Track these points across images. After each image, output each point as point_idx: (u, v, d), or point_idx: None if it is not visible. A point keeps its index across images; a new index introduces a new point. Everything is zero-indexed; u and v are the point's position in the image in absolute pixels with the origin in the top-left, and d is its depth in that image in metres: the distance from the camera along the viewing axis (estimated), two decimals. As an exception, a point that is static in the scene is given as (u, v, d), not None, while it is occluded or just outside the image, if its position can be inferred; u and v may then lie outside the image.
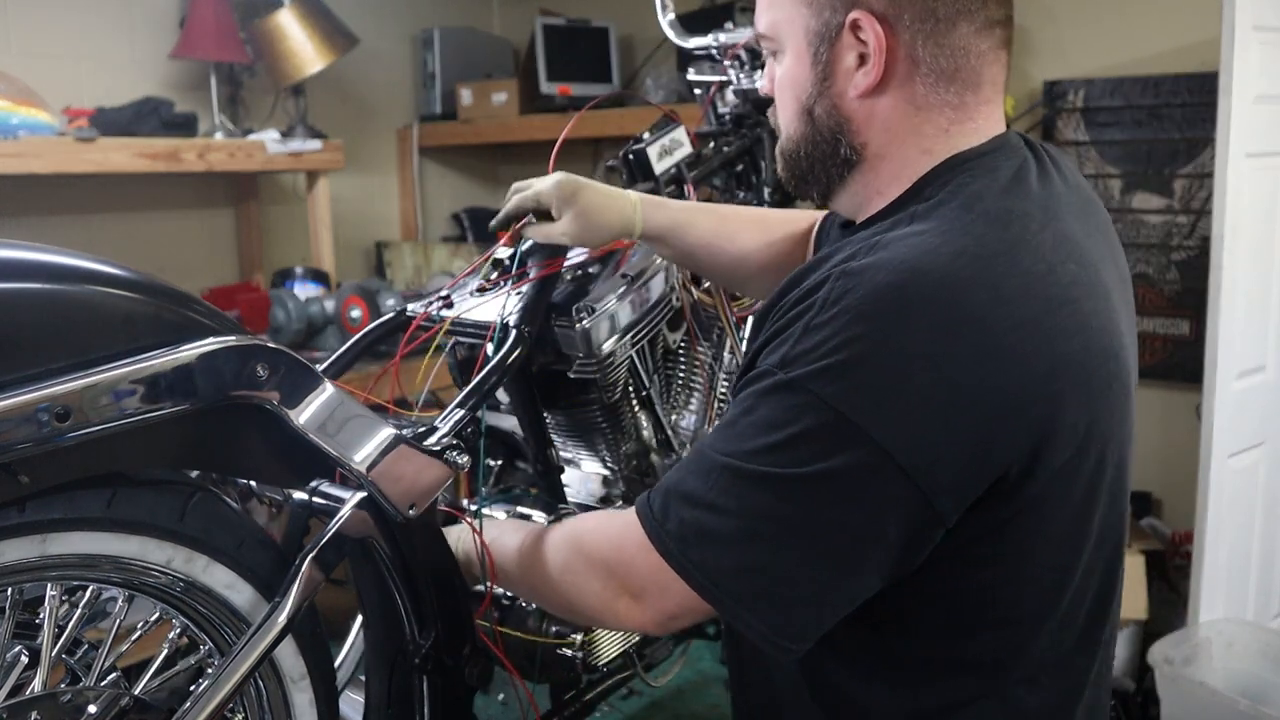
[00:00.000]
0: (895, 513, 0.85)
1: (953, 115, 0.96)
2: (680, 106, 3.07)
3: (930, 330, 0.83)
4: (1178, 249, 2.85)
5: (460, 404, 1.31)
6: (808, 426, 0.84)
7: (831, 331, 0.84)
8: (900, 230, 0.91)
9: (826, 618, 0.90)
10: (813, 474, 0.84)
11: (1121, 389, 0.94)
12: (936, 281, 0.84)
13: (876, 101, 0.96)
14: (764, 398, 0.88)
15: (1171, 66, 2.79)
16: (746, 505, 0.88)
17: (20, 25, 2.76)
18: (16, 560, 0.96)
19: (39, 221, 2.84)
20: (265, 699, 1.18)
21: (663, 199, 1.41)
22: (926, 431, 0.83)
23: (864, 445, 0.83)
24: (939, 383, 0.83)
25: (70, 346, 0.93)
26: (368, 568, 1.23)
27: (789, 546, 0.87)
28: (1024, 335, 0.85)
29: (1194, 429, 2.24)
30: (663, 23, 2.05)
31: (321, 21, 3.10)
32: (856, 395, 0.83)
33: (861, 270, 0.86)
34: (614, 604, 1.00)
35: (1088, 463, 0.91)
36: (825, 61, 0.97)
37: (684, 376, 1.72)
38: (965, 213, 0.90)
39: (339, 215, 3.32)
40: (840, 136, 0.99)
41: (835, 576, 0.88)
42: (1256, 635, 2.23)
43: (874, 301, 0.84)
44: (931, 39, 0.93)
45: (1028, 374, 0.85)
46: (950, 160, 0.96)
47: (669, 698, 2.40)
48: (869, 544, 0.86)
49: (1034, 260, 0.88)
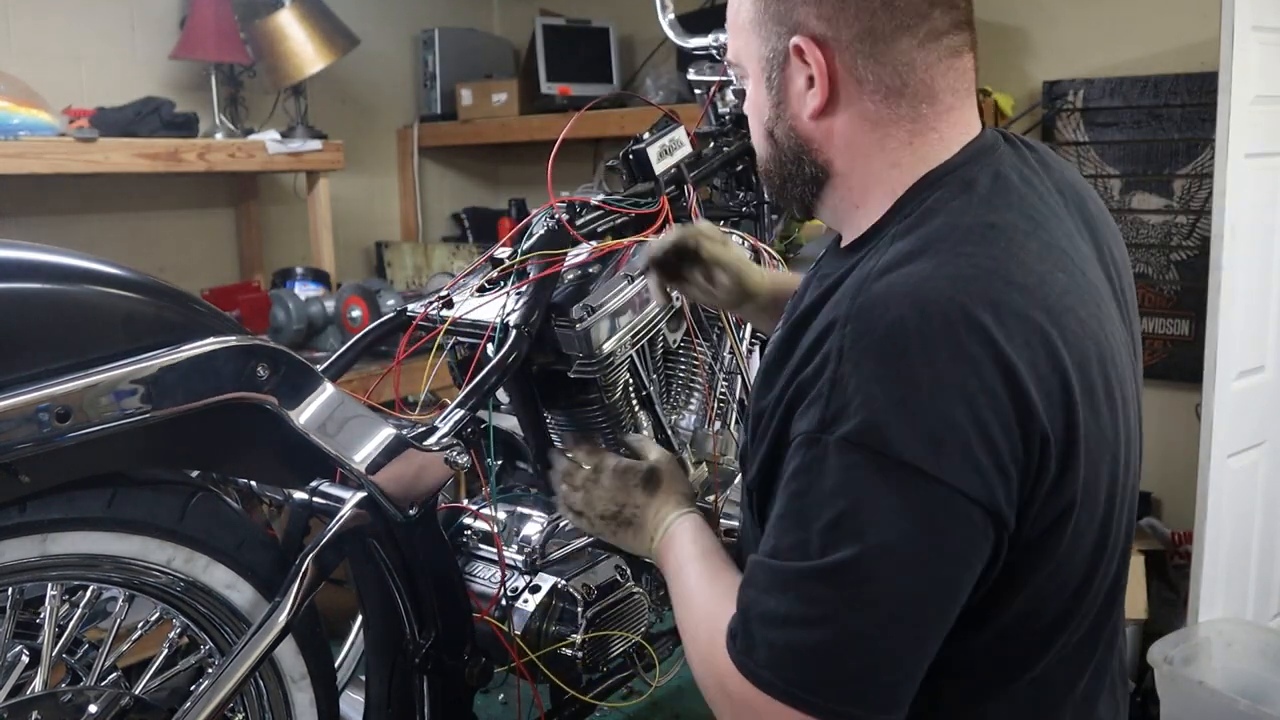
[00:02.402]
0: (976, 547, 0.84)
1: (911, 128, 0.96)
2: (680, 106, 3.07)
3: (950, 361, 0.82)
4: (1177, 249, 2.85)
5: (460, 404, 1.32)
6: (873, 484, 0.81)
7: (859, 380, 0.83)
8: (886, 258, 0.90)
9: (919, 677, 0.87)
10: (891, 538, 0.81)
11: (1120, 393, 0.94)
12: (943, 312, 0.83)
13: (832, 121, 0.97)
14: (815, 469, 0.85)
15: (1171, 66, 2.79)
16: (833, 606, 0.82)
17: (20, 25, 2.76)
18: (17, 560, 0.96)
19: (39, 221, 2.84)
20: (265, 699, 1.19)
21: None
22: (981, 461, 0.82)
23: (934, 490, 0.81)
24: (975, 411, 0.81)
25: (70, 346, 0.93)
26: (368, 568, 1.23)
27: (889, 628, 0.83)
28: (1033, 352, 0.84)
29: (1193, 429, 2.24)
30: (663, 23, 2.05)
31: (322, 22, 3.10)
32: (910, 443, 0.81)
33: (865, 313, 0.85)
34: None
35: (1104, 469, 0.91)
36: (778, 86, 0.99)
37: (684, 376, 1.72)
38: (950, 233, 0.89)
39: (339, 215, 3.32)
40: (803, 156, 1.00)
41: (936, 633, 0.86)
42: (1256, 635, 2.23)
43: (888, 343, 0.83)
44: (872, 57, 0.93)
45: (1044, 389, 0.84)
46: (926, 177, 0.96)
47: (669, 698, 2.40)
48: (961, 587, 0.85)
49: (1025, 274, 0.87)
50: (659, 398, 1.63)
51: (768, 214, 1.87)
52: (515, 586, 1.43)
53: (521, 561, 1.45)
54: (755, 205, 1.87)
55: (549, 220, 1.52)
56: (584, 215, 1.54)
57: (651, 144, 1.61)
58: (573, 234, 1.50)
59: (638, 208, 1.59)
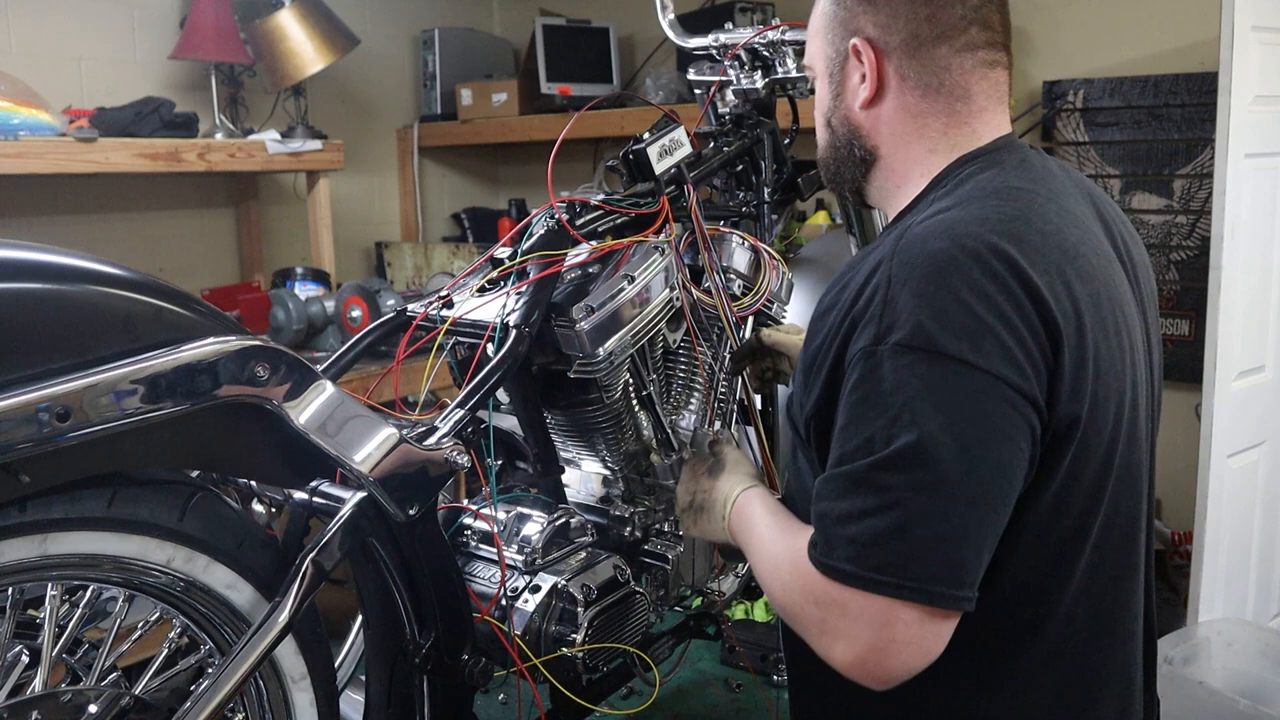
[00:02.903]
0: (1019, 429, 0.95)
1: (947, 120, 1.12)
2: (680, 106, 3.07)
3: (983, 279, 0.95)
4: (1177, 249, 2.85)
5: (460, 404, 1.32)
6: (925, 378, 0.93)
7: (907, 298, 0.96)
8: (925, 213, 1.05)
9: (987, 558, 0.96)
10: (947, 420, 0.92)
11: (1129, 339, 1.06)
12: (974, 242, 0.97)
13: (879, 111, 1.14)
14: (873, 376, 0.96)
15: (1171, 67, 2.79)
16: (900, 491, 0.93)
17: (21, 25, 2.76)
18: (17, 560, 0.96)
19: (39, 221, 2.84)
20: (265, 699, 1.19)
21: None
22: (1017, 356, 0.94)
23: (978, 378, 0.93)
24: (1006, 318, 0.94)
25: (71, 346, 0.93)
26: (368, 568, 1.23)
27: (952, 506, 0.92)
28: (1050, 279, 0.98)
29: (1194, 429, 2.24)
30: (663, 23, 2.05)
31: (322, 22, 3.10)
32: (954, 340, 0.93)
33: (907, 249, 0.99)
34: (831, 647, 0.98)
35: (1112, 397, 1.02)
36: (838, 81, 1.18)
37: (684, 376, 1.72)
38: (980, 191, 1.05)
39: (339, 215, 3.32)
40: (854, 141, 1.18)
41: (999, 510, 0.95)
42: (1256, 635, 2.23)
43: (929, 265, 0.97)
44: (915, 58, 1.11)
45: (1061, 310, 0.97)
46: (961, 158, 1.12)
47: (669, 698, 2.40)
48: (1013, 467, 0.95)
49: (1044, 223, 1.03)
50: (659, 398, 1.64)
51: (768, 214, 1.87)
52: (515, 586, 1.43)
53: (521, 561, 1.45)
54: (755, 205, 1.87)
55: (549, 220, 1.52)
56: (584, 215, 1.54)
57: (651, 144, 1.61)
58: (573, 234, 1.50)
59: (638, 208, 1.59)
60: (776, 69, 1.87)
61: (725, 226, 1.80)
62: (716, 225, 1.79)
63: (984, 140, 1.13)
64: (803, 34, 1.81)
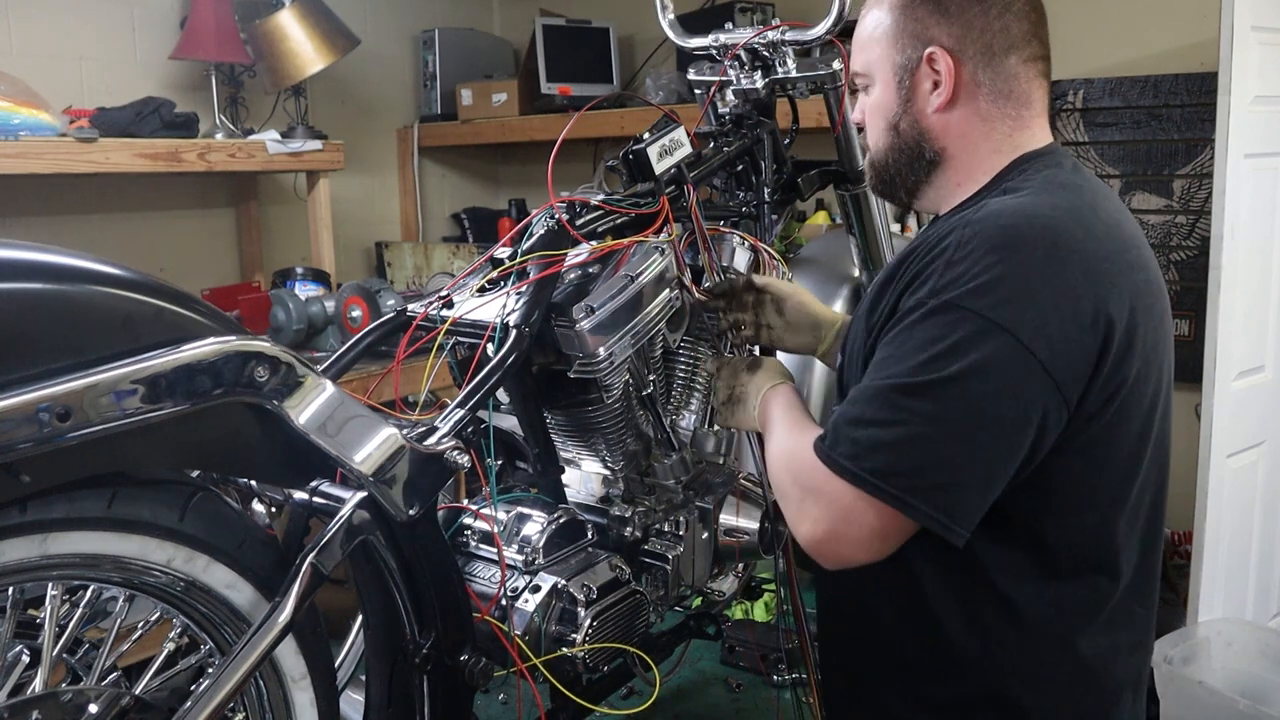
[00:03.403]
0: (1037, 401, 1.05)
1: (1013, 124, 1.23)
2: (680, 106, 3.07)
3: (1046, 258, 1.06)
4: (1177, 249, 2.85)
5: (460, 404, 1.32)
6: (965, 334, 1.04)
7: (972, 262, 1.06)
8: (997, 198, 1.16)
9: (985, 503, 1.08)
10: (970, 370, 1.03)
11: (1169, 325, 1.21)
12: (1042, 224, 1.09)
13: (950, 115, 1.23)
14: (920, 323, 1.07)
15: (1171, 66, 2.79)
16: (913, 413, 1.05)
17: (21, 25, 2.76)
18: (18, 560, 0.96)
19: (39, 221, 2.84)
20: (266, 698, 1.19)
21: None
22: (1055, 334, 1.04)
23: (1011, 345, 1.03)
24: (1059, 296, 1.05)
25: (71, 346, 0.93)
26: (368, 568, 1.23)
27: (956, 440, 1.05)
28: (1110, 265, 1.09)
29: (1193, 429, 2.24)
30: (663, 23, 2.05)
31: (322, 22, 3.10)
32: (1001, 306, 1.04)
33: (983, 219, 1.10)
34: (800, 523, 1.15)
35: (1152, 375, 1.15)
36: (907, 87, 1.25)
37: (684, 376, 1.72)
38: (1046, 185, 1.17)
39: (339, 215, 3.32)
40: (923, 144, 1.26)
41: (996, 463, 1.06)
42: (1255, 635, 2.23)
43: (1000, 237, 1.07)
44: (989, 66, 1.21)
45: (1116, 294, 1.08)
46: (1025, 155, 1.22)
47: (669, 698, 2.40)
48: (1021, 430, 1.06)
49: (1105, 215, 1.15)
50: (659, 398, 1.64)
51: (768, 214, 1.87)
52: (515, 586, 1.43)
53: (521, 561, 1.45)
54: (755, 205, 1.87)
55: (549, 220, 1.52)
56: (584, 215, 1.54)
57: (651, 144, 1.60)
58: (573, 234, 1.50)
59: (638, 208, 1.59)
60: (776, 69, 1.86)
61: (725, 226, 1.80)
62: (716, 225, 1.79)
63: (1040, 144, 1.24)
64: (803, 34, 1.81)
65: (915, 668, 1.22)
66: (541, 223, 1.53)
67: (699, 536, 1.65)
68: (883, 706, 1.26)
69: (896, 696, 1.25)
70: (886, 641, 1.25)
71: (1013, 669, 1.17)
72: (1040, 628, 1.16)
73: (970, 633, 1.17)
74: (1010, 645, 1.17)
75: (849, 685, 1.34)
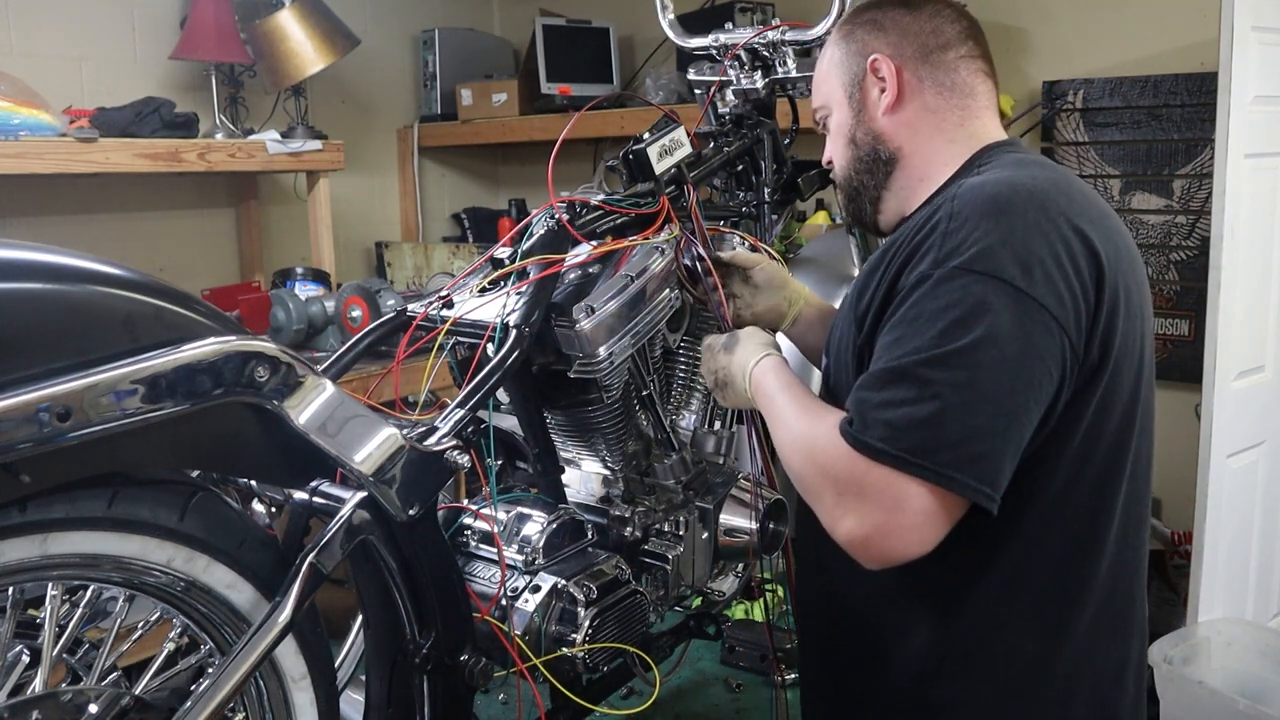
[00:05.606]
0: (1056, 356, 1.06)
1: (961, 114, 1.27)
2: (680, 106, 3.07)
3: (1037, 221, 1.08)
4: (1177, 249, 2.85)
5: (460, 404, 1.32)
6: (979, 297, 1.04)
7: (970, 228, 1.07)
8: (972, 177, 1.18)
9: (1012, 465, 1.06)
10: (992, 334, 1.03)
11: (1148, 293, 1.22)
12: (1028, 190, 1.11)
13: (899, 115, 1.28)
14: (929, 295, 1.07)
15: (1171, 67, 2.79)
16: (944, 384, 1.03)
17: (21, 25, 2.76)
18: (18, 560, 0.96)
19: (39, 221, 2.84)
20: (266, 698, 1.19)
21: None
22: (1062, 289, 1.06)
23: (1025, 303, 1.04)
24: (1056, 255, 1.07)
25: (71, 346, 0.93)
26: (368, 568, 1.23)
27: (991, 406, 1.03)
28: (1094, 227, 1.12)
29: (1193, 429, 2.24)
30: (663, 23, 2.06)
31: (322, 22, 3.10)
32: (1010, 266, 1.05)
33: (968, 192, 1.12)
34: (839, 521, 1.08)
35: (1137, 339, 1.16)
36: (858, 100, 1.31)
37: (684, 376, 1.72)
38: (1019, 163, 1.20)
39: (339, 215, 3.32)
40: (878, 147, 1.30)
41: (1027, 426, 1.06)
42: (1255, 635, 2.23)
43: (991, 204, 1.09)
44: (927, 62, 1.27)
45: (1104, 255, 1.10)
46: (988, 146, 1.26)
47: (669, 698, 2.40)
48: (1045, 387, 1.06)
49: (1080, 186, 1.18)
50: (659, 398, 1.64)
51: (768, 214, 1.87)
52: (515, 586, 1.43)
53: (521, 561, 1.45)
54: (755, 205, 1.87)
55: (549, 220, 1.52)
56: (584, 215, 1.54)
57: (651, 144, 1.61)
58: (573, 234, 1.50)
59: (638, 208, 1.59)
60: (776, 69, 1.87)
61: (725, 226, 1.80)
62: (716, 225, 1.79)
63: (998, 137, 1.28)
64: (803, 34, 1.81)
65: (898, 663, 1.22)
66: (541, 223, 1.53)
67: (699, 536, 1.65)
68: (864, 704, 1.27)
69: (878, 693, 1.25)
70: (868, 639, 1.25)
71: (993, 656, 1.17)
72: (1025, 614, 1.16)
73: (949, 625, 1.18)
74: (988, 632, 1.17)
75: (833, 689, 1.35)
